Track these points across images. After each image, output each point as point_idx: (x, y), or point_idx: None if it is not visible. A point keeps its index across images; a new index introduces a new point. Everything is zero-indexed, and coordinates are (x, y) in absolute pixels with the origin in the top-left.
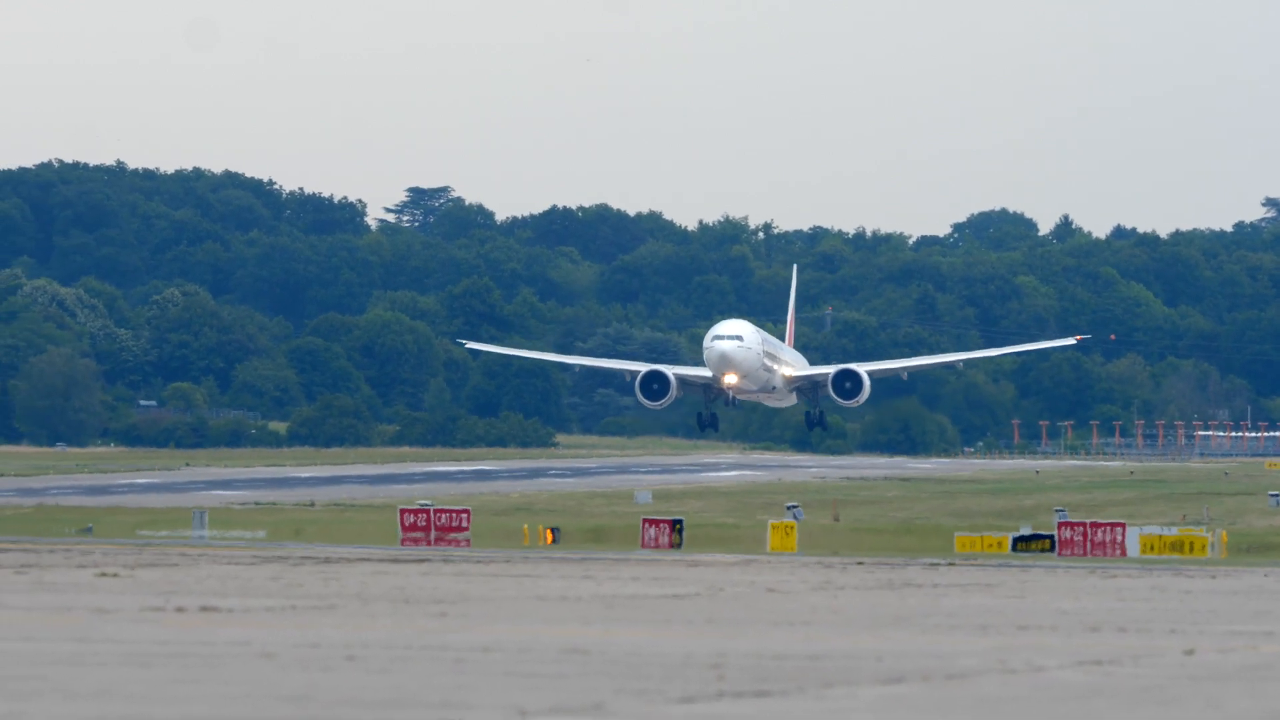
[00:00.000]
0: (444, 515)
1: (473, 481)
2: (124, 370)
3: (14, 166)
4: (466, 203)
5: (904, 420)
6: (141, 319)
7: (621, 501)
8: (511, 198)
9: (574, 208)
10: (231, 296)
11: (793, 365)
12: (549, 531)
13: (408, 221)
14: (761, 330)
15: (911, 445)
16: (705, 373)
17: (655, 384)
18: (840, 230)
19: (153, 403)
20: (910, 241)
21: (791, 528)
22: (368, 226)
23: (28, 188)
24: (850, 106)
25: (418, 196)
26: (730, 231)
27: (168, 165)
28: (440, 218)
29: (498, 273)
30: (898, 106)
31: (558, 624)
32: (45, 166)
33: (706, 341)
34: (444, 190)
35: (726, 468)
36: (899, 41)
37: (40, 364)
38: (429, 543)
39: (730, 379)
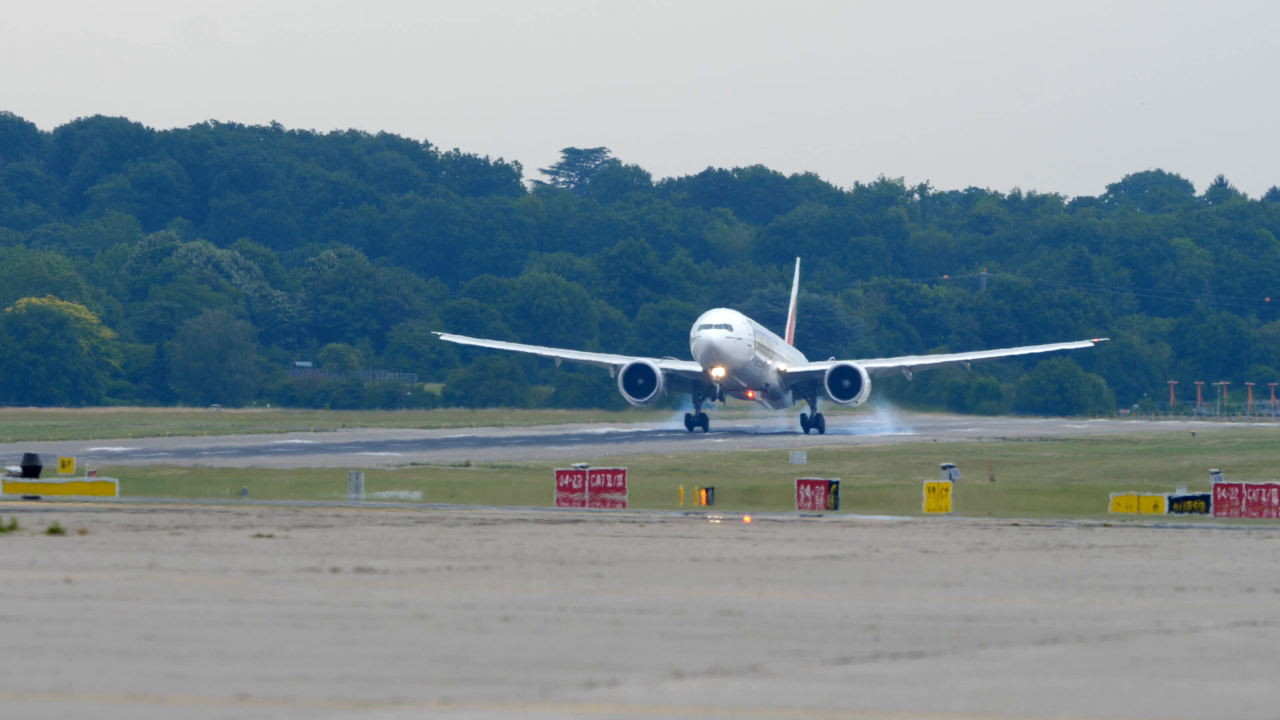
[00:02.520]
0: (600, 476)
1: (629, 442)
2: (279, 332)
3: (170, 128)
4: (622, 164)
5: (1059, 381)
6: (297, 280)
7: (777, 462)
8: (667, 159)
9: (730, 169)
10: (387, 258)
11: (788, 361)
12: (704, 492)
13: (563, 183)
14: (754, 323)
15: (1067, 406)
16: (694, 367)
17: (640, 379)
18: (995, 191)
19: (308, 364)
20: (1065, 203)
21: (947, 488)
22: (523, 188)
23: (183, 149)
24: (1007, 67)
25: (573, 158)
26: (886, 193)
27: (323, 126)
28: (596, 179)
29: (653, 234)
30: (1053, 67)
31: (713, 585)
32: (201, 128)
33: (694, 331)
34: (600, 151)
35: (881, 428)
36: (1054, 2)
37: (196, 325)
38: (585, 504)
39: (718, 371)
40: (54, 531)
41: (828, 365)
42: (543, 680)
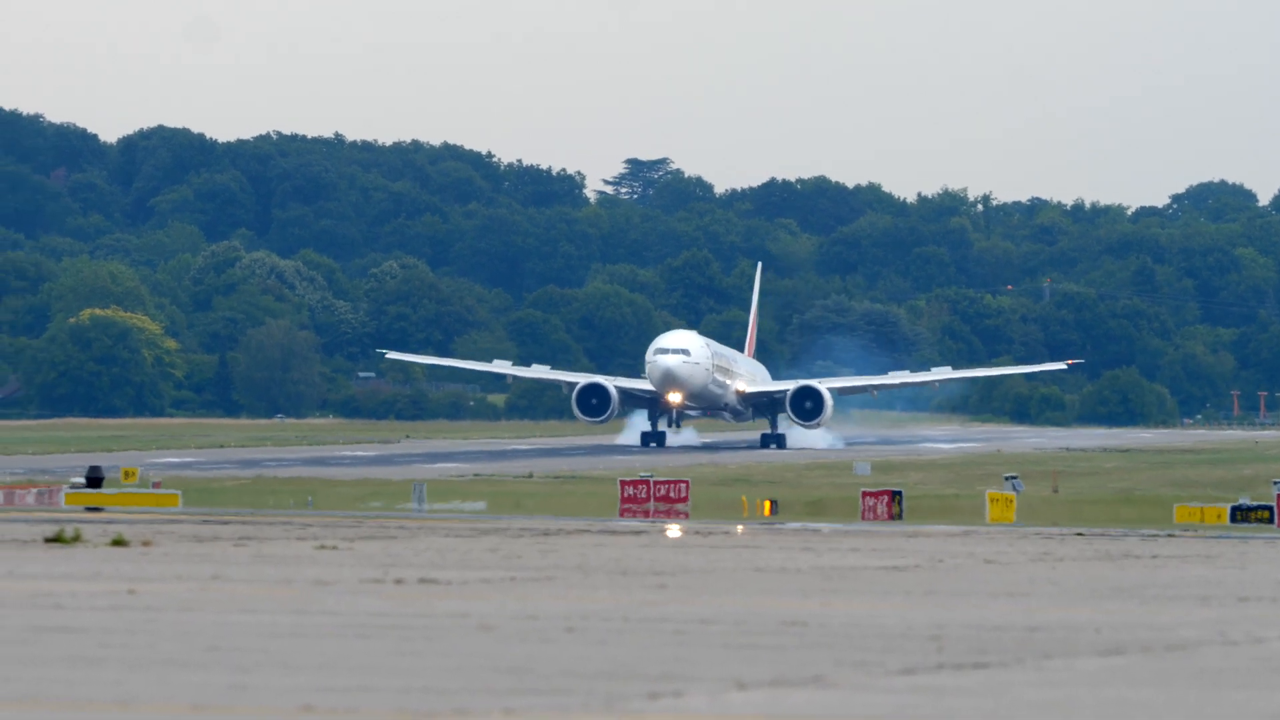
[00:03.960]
0: (663, 486)
1: (692, 453)
2: (342, 342)
3: (233, 139)
4: (685, 175)
5: (1123, 391)
6: (360, 291)
7: (841, 473)
8: (730, 170)
9: (793, 180)
10: (450, 269)
11: (748, 379)
12: (768, 503)
13: (626, 194)
14: (713, 343)
15: (1130, 416)
16: (650, 386)
17: (594, 398)
18: (1059, 202)
19: (371, 375)
20: (1129, 213)
21: (1010, 499)
22: (586, 199)
23: (246, 160)
24: (1070, 77)
25: (636, 168)
26: (949, 203)
27: (386, 137)
28: (659, 190)
29: (716, 245)
30: (1117, 76)
31: (777, 596)
32: (264, 139)
33: (649, 355)
34: (663, 162)
35: (946, 439)
36: (1119, 9)
37: (259, 336)
38: (648, 514)
39: (674, 397)
40: (118, 543)
41: (789, 386)
42: (606, 691)
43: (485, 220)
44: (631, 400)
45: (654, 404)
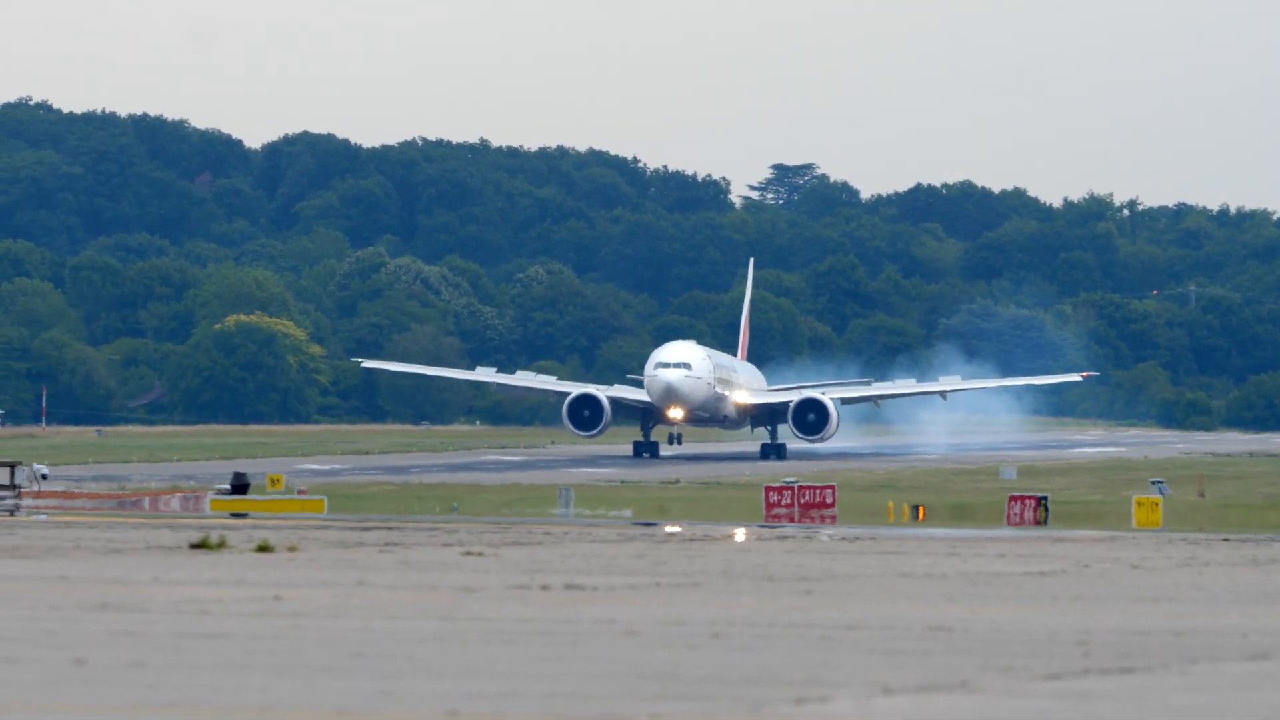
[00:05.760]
0: (809, 492)
1: (836, 459)
2: (488, 348)
3: (378, 144)
4: (831, 180)
5: (1269, 397)
6: (505, 297)
7: (987, 478)
8: (876, 175)
9: (938, 185)
10: (595, 274)
11: (748, 389)
12: (921, 509)
13: (772, 199)
14: (714, 353)
15: (1277, 421)
16: (644, 396)
17: (587, 410)
18: (1204, 207)
19: (631, 384)
20: (1275, 217)
21: (1156, 504)
22: (732, 204)
23: (392, 166)
24: (1217, 82)
25: (782, 174)
26: (1095, 208)
27: (531, 143)
28: (804, 195)
29: (862, 250)
30: (1262, 82)
31: (922, 601)
32: (409, 145)
33: (649, 369)
34: (808, 167)
35: (1091, 444)
36: (1265, 13)
37: (405, 342)
38: (794, 519)
39: (675, 413)
40: (263, 549)
41: (792, 397)
42: (752, 697)
43: (631, 226)
44: (624, 411)
45: (647, 414)
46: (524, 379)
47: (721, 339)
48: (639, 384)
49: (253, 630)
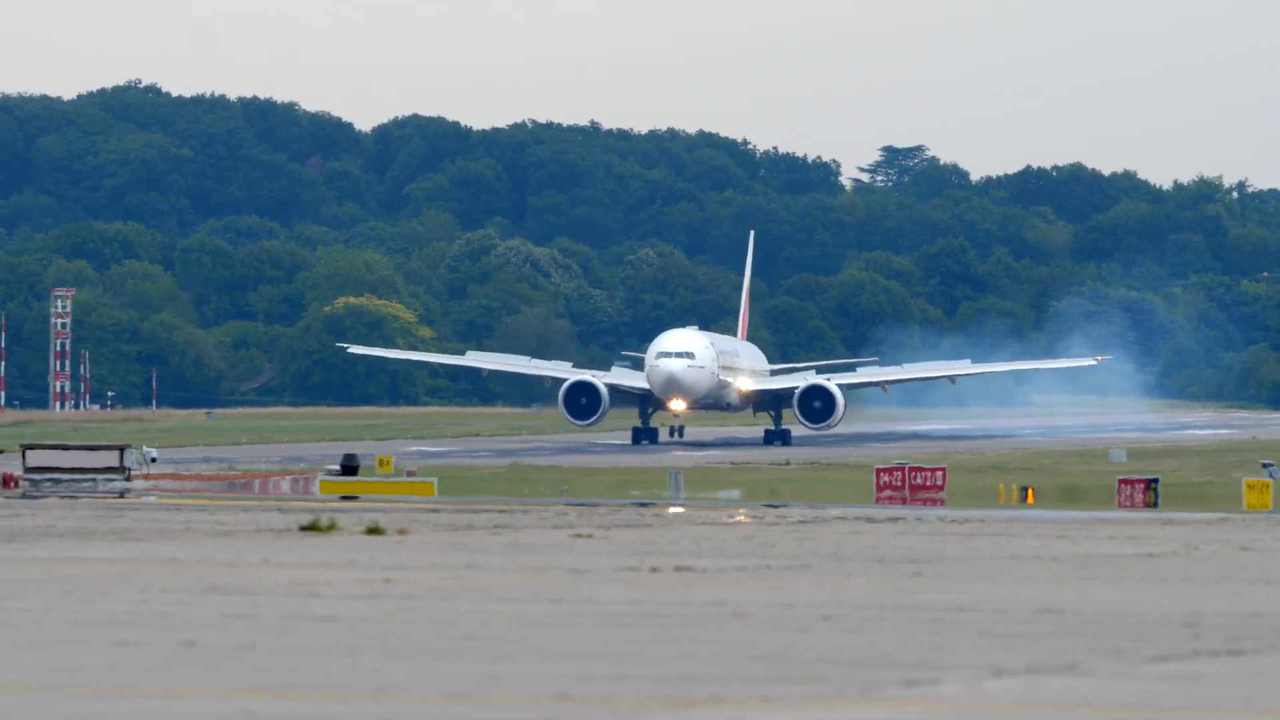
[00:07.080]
0: (919, 474)
1: (947, 440)
2: (598, 331)
3: (488, 127)
4: (941, 162)
5: None
6: (615, 279)
7: (1096, 460)
8: (986, 157)
9: (1048, 167)
10: (706, 256)
11: (751, 374)
12: (1030, 491)
13: (881, 181)
14: (718, 339)
15: None
16: (642, 383)
17: (584, 398)
18: None
19: (627, 364)
20: None
21: (1267, 485)
22: (842, 186)
23: (501, 148)
24: None
25: (892, 156)
26: (1204, 190)
27: (641, 125)
28: (914, 177)
29: (972, 233)
30: None
31: (1032, 584)
32: (519, 127)
33: (650, 358)
34: (918, 150)
35: (1201, 426)
36: None
37: (515, 324)
38: (904, 501)
39: (678, 405)
40: (373, 531)
41: (797, 383)
42: (863, 679)
43: (740, 208)
44: (621, 397)
45: (645, 400)
46: (516, 364)
47: (832, 320)
48: (635, 365)
49: (362, 613)
